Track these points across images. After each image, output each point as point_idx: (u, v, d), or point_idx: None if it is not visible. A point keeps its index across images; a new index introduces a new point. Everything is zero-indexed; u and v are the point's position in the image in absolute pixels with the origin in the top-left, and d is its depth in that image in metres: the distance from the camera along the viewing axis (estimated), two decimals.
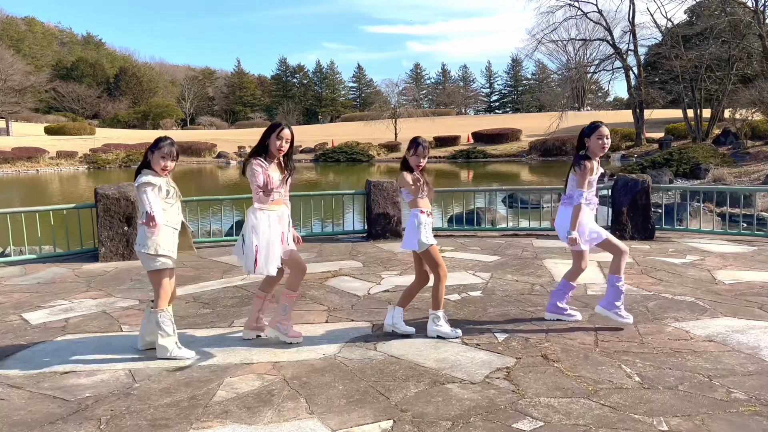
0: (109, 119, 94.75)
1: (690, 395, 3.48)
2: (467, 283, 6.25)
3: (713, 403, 3.37)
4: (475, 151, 48.14)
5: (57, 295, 6.14)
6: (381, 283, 6.33)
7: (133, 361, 4.20)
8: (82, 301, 5.88)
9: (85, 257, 8.07)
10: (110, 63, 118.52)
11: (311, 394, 3.61)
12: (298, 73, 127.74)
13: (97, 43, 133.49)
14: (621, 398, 3.46)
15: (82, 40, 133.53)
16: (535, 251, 7.91)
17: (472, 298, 5.68)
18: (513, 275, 6.57)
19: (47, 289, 6.43)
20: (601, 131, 4.67)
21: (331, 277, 6.63)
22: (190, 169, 44.16)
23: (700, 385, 3.62)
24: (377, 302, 5.59)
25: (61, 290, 6.34)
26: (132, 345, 4.49)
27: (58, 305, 5.72)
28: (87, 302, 5.82)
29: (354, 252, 8.08)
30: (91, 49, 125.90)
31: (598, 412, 3.29)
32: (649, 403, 3.38)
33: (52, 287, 6.50)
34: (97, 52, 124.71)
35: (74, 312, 5.48)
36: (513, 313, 5.18)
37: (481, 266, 7.05)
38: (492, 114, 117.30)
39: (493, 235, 9.36)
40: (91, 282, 6.69)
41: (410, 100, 72.68)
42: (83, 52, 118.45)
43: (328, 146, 51.91)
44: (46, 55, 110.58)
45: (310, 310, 5.36)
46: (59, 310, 5.57)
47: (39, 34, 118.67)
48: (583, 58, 66.25)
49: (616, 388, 3.60)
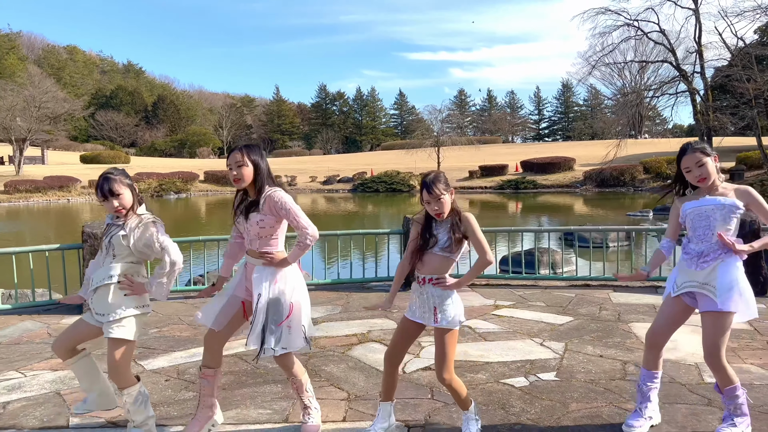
0: (146, 147, 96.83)
1: None
2: (535, 359, 4.91)
3: None
4: (524, 181, 46.52)
5: (12, 363, 5.06)
6: (421, 355, 5.04)
7: None
8: (37, 374, 4.78)
9: (70, 308, 7.05)
10: (149, 91, 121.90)
11: None
12: (338, 100, 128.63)
13: (137, 71, 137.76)
14: None
15: (123, 69, 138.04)
16: (617, 310, 6.50)
17: (544, 384, 4.34)
18: (594, 347, 5.20)
19: (6, 352, 5.37)
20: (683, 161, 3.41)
21: (357, 344, 5.39)
22: (224, 199, 43.82)
23: None
24: (415, 387, 4.31)
25: (21, 356, 5.27)
26: None
27: (6, 380, 4.63)
28: (43, 376, 4.72)
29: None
30: (131, 77, 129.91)
31: None
32: None
33: (13, 351, 5.44)
34: (137, 80, 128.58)
35: (19, 392, 4.37)
36: (605, 412, 3.82)
37: (549, 332, 5.70)
38: (541, 142, 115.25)
39: (558, 285, 7.97)
40: None
41: (454, 128, 71.66)
42: (123, 80, 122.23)
43: (366, 176, 51.10)
44: (86, 84, 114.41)
45: (324, 399, 4.11)
46: (3, 388, 4.47)
47: (80, 63, 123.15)
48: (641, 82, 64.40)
49: None
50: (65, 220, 30.13)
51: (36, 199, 41.03)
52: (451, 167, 50.64)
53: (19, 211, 34.85)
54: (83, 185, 44.53)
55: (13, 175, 44.73)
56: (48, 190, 42.20)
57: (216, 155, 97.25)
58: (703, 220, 3.41)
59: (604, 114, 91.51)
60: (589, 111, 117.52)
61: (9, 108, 46.48)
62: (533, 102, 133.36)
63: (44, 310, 7.05)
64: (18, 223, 28.35)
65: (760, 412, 3.76)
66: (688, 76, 41.92)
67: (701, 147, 3.39)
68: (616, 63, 50.72)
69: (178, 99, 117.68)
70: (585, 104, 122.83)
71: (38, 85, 54.75)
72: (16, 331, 6.16)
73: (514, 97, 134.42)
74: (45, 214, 33.89)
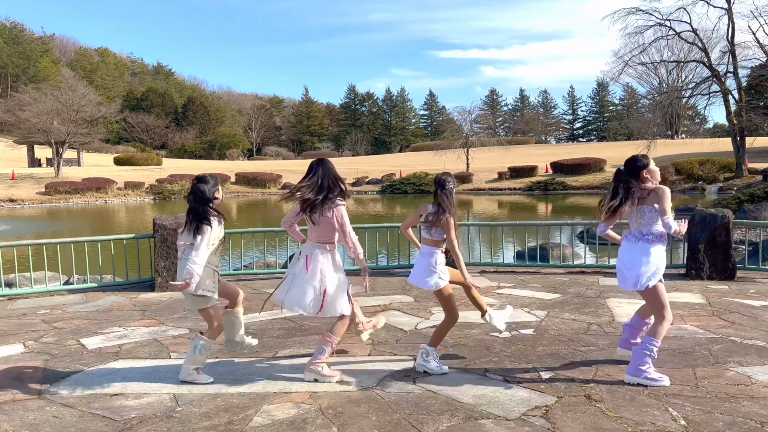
0: (176, 149, 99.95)
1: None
2: (520, 320, 6.40)
3: None
4: (553, 183, 47.58)
5: (113, 322, 6.73)
6: (430, 319, 6.57)
7: (178, 386, 4.62)
8: (135, 328, 6.44)
9: (142, 287, 8.74)
10: (179, 93, 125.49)
11: (344, 424, 3.89)
12: (367, 100, 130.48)
13: (166, 73, 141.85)
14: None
15: (153, 70, 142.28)
16: (600, 290, 7.93)
17: (523, 336, 5.83)
18: (571, 314, 6.66)
19: (105, 316, 7.05)
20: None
21: (380, 311, 6.93)
22: (254, 200, 45.86)
23: (749, 431, 3.66)
24: (423, 338, 5.83)
25: (118, 318, 6.94)
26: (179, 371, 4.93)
27: (114, 332, 6.29)
28: (140, 330, 6.37)
29: (407, 287, 8.35)
30: (161, 79, 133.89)
31: None
32: None
33: (109, 315, 7.12)
34: (167, 82, 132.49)
35: (128, 339, 6.02)
36: (563, 352, 5.29)
37: (538, 304, 7.17)
38: (575, 143, 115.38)
39: (557, 272, 9.41)
40: (146, 311, 7.27)
41: (485, 129, 72.78)
42: (153, 82, 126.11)
43: (395, 177, 52.66)
44: (117, 86, 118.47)
45: (354, 343, 5.66)
46: (114, 336, 6.13)
47: (111, 65, 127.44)
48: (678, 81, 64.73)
49: (657, 430, 3.69)
50: (110, 218, 32.33)
51: (75, 200, 43.53)
52: (481, 168, 51.96)
53: (60, 212, 37.24)
54: (119, 187, 47.00)
55: (53, 177, 47.39)
56: (86, 191, 44.69)
57: (245, 157, 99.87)
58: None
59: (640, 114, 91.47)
60: (625, 111, 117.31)
61: (48, 112, 49.24)
62: (567, 101, 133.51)
63: (122, 288, 8.76)
64: (69, 222, 30.56)
65: (678, 350, 5.20)
66: (720, 76, 42.51)
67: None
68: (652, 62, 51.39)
69: (208, 100, 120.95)
70: (621, 103, 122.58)
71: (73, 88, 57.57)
72: (107, 302, 7.85)
73: (548, 96, 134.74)
74: (87, 213, 36.18)
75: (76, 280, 9.10)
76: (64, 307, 7.63)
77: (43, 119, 48.86)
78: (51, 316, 7.14)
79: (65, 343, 5.93)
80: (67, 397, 4.48)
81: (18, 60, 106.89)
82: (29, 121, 49.82)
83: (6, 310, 7.50)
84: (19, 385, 4.73)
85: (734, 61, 41.99)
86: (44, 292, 8.51)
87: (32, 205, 41.31)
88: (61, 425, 3.97)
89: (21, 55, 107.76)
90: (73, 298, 8.15)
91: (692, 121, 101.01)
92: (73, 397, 4.46)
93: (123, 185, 47.33)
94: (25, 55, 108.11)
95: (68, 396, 4.49)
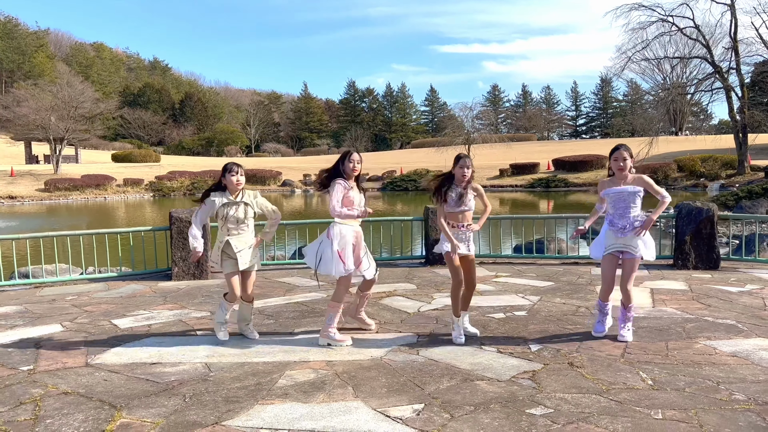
0: (173, 146, 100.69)
1: (693, 395, 4.23)
2: (514, 304, 7.10)
3: (712, 402, 4.11)
4: (555, 180, 48.33)
5: (138, 306, 7.44)
6: (431, 303, 7.27)
7: (209, 357, 5.33)
8: (160, 311, 7.14)
9: (159, 276, 9.45)
10: (176, 88, 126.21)
11: (358, 384, 4.59)
12: (368, 96, 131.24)
13: (163, 68, 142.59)
14: (629, 395, 4.25)
15: (149, 66, 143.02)
16: (591, 279, 8.63)
17: (516, 317, 6.53)
18: (562, 299, 7.36)
19: (129, 301, 7.75)
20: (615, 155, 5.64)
21: (385, 297, 7.63)
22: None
23: (706, 388, 4.36)
24: (425, 318, 6.54)
25: (142, 303, 7.65)
26: (208, 344, 5.63)
27: (141, 314, 6.99)
28: (165, 312, 7.07)
29: (410, 276, 9.06)
30: (158, 74, 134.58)
31: (605, 404, 4.10)
32: (652, 399, 4.16)
33: (133, 300, 7.82)
34: (163, 77, 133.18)
35: (155, 320, 6.72)
36: (552, 330, 6.00)
37: (532, 290, 7.87)
38: (577, 139, 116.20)
39: (552, 263, 10.11)
40: (167, 297, 7.98)
41: (486, 125, 73.44)
42: (150, 77, 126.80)
43: (396, 174, 53.37)
44: (113, 81, 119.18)
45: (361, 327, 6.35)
46: (142, 318, 6.83)
47: (107, 60, 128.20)
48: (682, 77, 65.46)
49: (627, 388, 4.39)
50: (113, 214, 33.03)
51: (74, 197, 44.27)
52: (482, 165, 52.60)
53: (60, 209, 37.95)
54: (118, 183, 47.73)
55: (52, 174, 48.14)
56: (86, 188, 45.45)
57: (244, 153, 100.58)
58: (621, 202, 5.60)
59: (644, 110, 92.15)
60: (628, 107, 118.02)
61: (46, 108, 49.95)
62: (570, 97, 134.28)
63: (140, 277, 9.46)
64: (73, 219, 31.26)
65: (655, 328, 5.91)
66: (723, 72, 43.19)
67: (627, 148, 5.64)
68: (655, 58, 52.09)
69: (205, 96, 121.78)
70: (624, 99, 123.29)
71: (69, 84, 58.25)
72: (128, 290, 8.56)
73: (550, 92, 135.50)
74: (88, 210, 36.88)
75: (96, 271, 9.80)
76: (89, 294, 8.33)
77: (41, 115, 49.59)
78: (79, 301, 7.85)
79: (99, 323, 6.63)
80: (111, 365, 5.18)
81: (13, 55, 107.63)
82: (27, 117, 50.57)
83: (36, 296, 8.21)
84: (67, 356, 5.43)
85: (737, 57, 42.66)
86: (68, 281, 9.22)
87: (32, 201, 42.06)
88: (112, 386, 4.67)
89: (16, 50, 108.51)
90: (96, 287, 8.86)
91: (697, 118, 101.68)
92: (117, 366, 5.16)
93: (122, 182, 48.07)
94: (20, 50, 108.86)
95: (112, 365, 5.19)
